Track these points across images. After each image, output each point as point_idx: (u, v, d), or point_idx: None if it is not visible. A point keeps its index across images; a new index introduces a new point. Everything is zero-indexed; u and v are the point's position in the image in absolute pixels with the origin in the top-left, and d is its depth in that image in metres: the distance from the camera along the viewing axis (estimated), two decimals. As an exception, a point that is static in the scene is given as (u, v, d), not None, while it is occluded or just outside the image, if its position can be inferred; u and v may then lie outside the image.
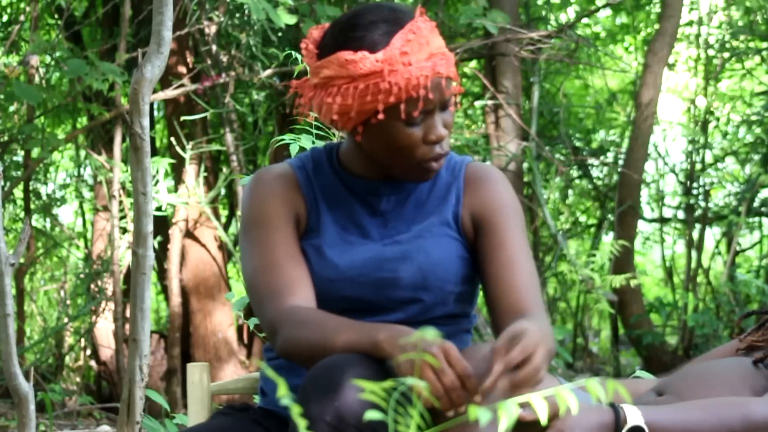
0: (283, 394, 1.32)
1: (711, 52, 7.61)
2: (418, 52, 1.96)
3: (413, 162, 2.01)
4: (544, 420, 1.72)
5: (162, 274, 6.38)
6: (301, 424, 1.40)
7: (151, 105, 6.34)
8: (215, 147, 5.81)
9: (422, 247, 2.06)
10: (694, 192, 7.69)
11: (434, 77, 1.96)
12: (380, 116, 1.95)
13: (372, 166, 2.08)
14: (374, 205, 2.10)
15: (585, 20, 7.41)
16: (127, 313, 5.68)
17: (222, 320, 6.03)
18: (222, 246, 6.07)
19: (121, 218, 5.76)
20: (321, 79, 2.00)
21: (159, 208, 5.64)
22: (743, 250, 8.18)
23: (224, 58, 5.67)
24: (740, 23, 7.35)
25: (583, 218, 8.20)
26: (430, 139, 1.99)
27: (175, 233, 5.97)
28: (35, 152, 5.98)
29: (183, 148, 5.71)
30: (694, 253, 7.71)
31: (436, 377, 1.73)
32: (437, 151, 2.01)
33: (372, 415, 1.37)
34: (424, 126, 1.99)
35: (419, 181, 2.06)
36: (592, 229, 8.03)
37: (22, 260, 6.02)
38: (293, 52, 2.85)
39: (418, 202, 2.11)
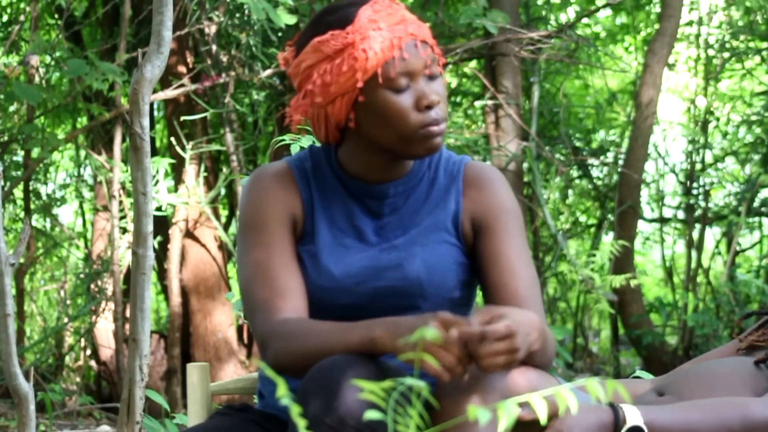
0: (283, 394, 1.32)
1: (711, 52, 7.61)
2: (388, 19, 1.98)
3: (411, 131, 1.98)
4: (543, 420, 1.72)
5: (162, 274, 6.38)
6: (301, 424, 1.40)
7: (151, 105, 6.34)
8: (215, 147, 5.81)
9: (419, 254, 2.04)
10: (694, 192, 7.69)
11: (408, 39, 1.97)
12: (359, 85, 1.95)
13: (373, 162, 2.06)
14: (372, 208, 2.08)
15: (585, 20, 7.41)
16: (127, 313, 5.68)
17: (222, 320, 6.03)
18: (222, 246, 6.07)
19: (121, 218, 5.76)
20: (302, 73, 2.01)
21: (159, 208, 5.64)
22: (743, 250, 8.17)
23: (224, 58, 5.67)
24: (740, 23, 7.35)
25: (583, 218, 8.20)
26: (421, 104, 1.98)
27: (175, 233, 5.97)
28: (35, 152, 5.98)
29: (183, 148, 5.71)
30: (694, 253, 7.70)
31: (442, 350, 1.73)
32: (433, 116, 1.98)
33: (371, 415, 1.37)
34: (412, 93, 1.98)
35: (427, 154, 2.01)
36: (592, 229, 8.03)
37: (22, 260, 6.02)
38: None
39: (416, 205, 2.09)
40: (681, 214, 7.93)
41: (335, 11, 2.00)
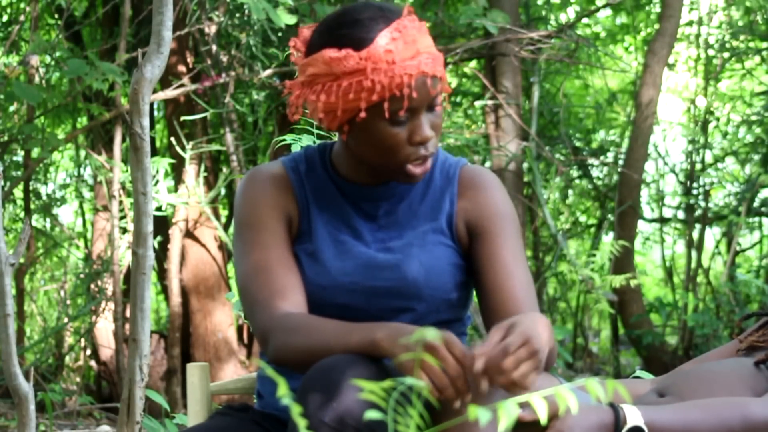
0: (284, 393, 1.32)
1: (711, 52, 7.61)
2: (403, 51, 1.94)
3: (397, 163, 1.99)
4: (544, 420, 1.72)
5: (162, 274, 6.38)
6: (301, 423, 1.40)
7: (151, 105, 6.34)
8: (215, 147, 5.81)
9: (415, 256, 2.04)
10: (694, 192, 7.69)
11: (419, 76, 1.94)
12: (362, 114, 1.93)
13: (362, 168, 2.06)
14: (366, 210, 2.08)
15: (585, 20, 7.41)
16: (127, 313, 5.68)
17: (222, 320, 6.03)
18: (222, 246, 6.07)
19: (121, 218, 5.76)
20: (307, 77, 1.99)
21: (159, 208, 5.64)
22: (743, 250, 8.18)
23: (224, 58, 5.67)
24: (740, 23, 7.35)
25: (583, 218, 8.20)
26: (414, 140, 1.97)
27: (175, 233, 5.97)
28: (35, 152, 5.98)
29: (183, 148, 5.71)
30: (694, 253, 7.71)
31: (438, 370, 1.72)
32: (422, 153, 1.98)
33: (372, 415, 1.37)
34: (409, 126, 1.97)
35: (406, 183, 2.04)
36: (592, 229, 8.03)
37: (22, 260, 6.02)
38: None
39: (411, 207, 2.09)
40: (681, 214, 7.93)
41: (355, 26, 1.95)
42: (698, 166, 7.67)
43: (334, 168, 2.10)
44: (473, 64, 6.99)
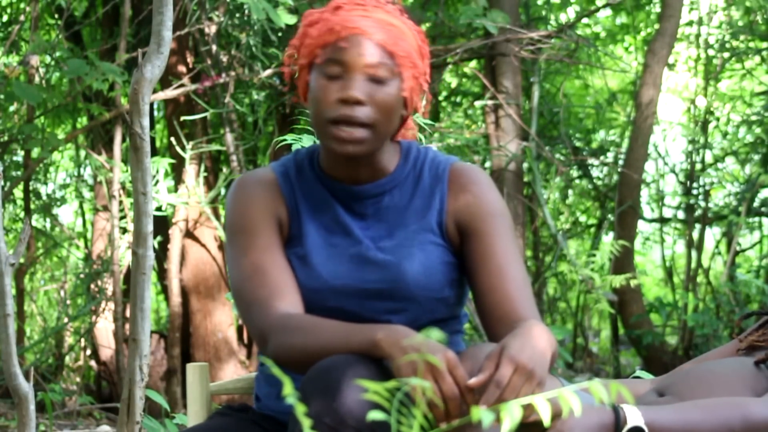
0: (288, 393, 1.32)
1: (711, 52, 7.61)
2: (352, 11, 1.99)
3: (323, 122, 1.99)
4: (546, 421, 1.71)
5: (162, 274, 6.38)
6: (305, 423, 1.40)
7: (151, 105, 6.34)
8: (215, 147, 5.81)
9: (406, 256, 2.03)
10: (694, 192, 7.69)
11: (356, 34, 1.97)
12: (302, 61, 2.01)
13: (333, 162, 2.07)
14: (356, 209, 2.08)
15: (585, 20, 7.41)
16: (127, 313, 5.68)
17: (222, 320, 6.03)
18: (222, 246, 6.07)
19: (121, 218, 5.76)
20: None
21: (159, 208, 5.64)
22: (743, 250, 8.17)
23: (224, 58, 5.67)
24: (740, 23, 7.35)
25: (583, 218, 8.20)
26: (340, 96, 1.97)
27: (175, 233, 5.97)
28: (35, 152, 5.98)
29: (183, 148, 5.71)
30: (694, 253, 7.70)
31: (435, 383, 1.72)
32: (345, 112, 1.96)
33: (373, 415, 1.37)
34: (340, 83, 1.98)
35: (336, 152, 2.00)
36: (592, 229, 8.03)
37: (22, 260, 6.02)
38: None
39: (401, 206, 2.08)
40: (681, 214, 7.93)
41: None
42: (698, 166, 7.67)
43: (322, 168, 2.10)
44: (473, 64, 6.99)
